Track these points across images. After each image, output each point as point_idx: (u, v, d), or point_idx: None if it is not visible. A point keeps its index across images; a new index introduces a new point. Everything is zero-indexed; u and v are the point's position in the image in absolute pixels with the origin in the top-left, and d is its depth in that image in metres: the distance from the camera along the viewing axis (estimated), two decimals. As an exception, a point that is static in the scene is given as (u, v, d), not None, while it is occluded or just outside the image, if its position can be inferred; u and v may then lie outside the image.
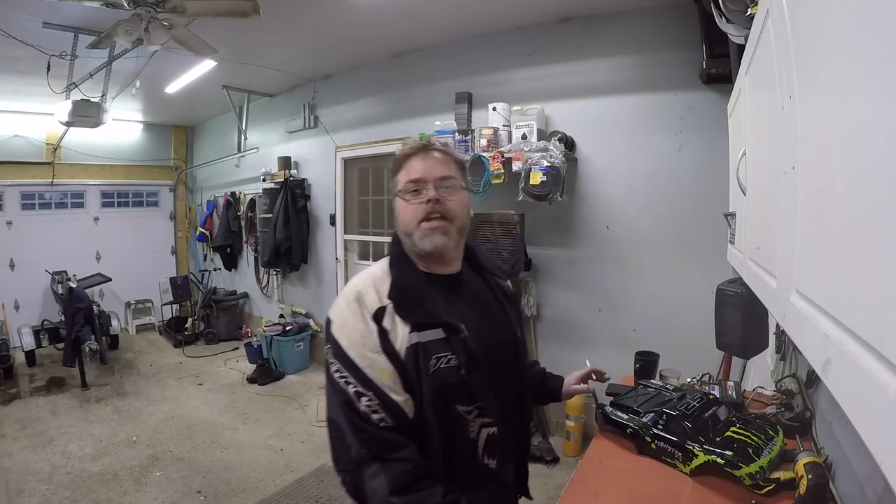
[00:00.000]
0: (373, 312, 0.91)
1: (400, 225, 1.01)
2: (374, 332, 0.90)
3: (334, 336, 0.93)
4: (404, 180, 0.99)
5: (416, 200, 0.97)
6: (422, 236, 0.96)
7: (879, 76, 0.38)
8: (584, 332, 3.12)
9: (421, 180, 0.98)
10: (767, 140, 0.90)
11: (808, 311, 0.57)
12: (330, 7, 2.99)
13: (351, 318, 0.92)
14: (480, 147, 3.10)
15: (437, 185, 0.98)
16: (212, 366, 4.96)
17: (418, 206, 0.97)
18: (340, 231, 4.59)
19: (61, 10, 2.80)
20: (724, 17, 1.53)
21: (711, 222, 2.41)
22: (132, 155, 6.34)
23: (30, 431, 3.45)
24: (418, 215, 0.97)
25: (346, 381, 0.89)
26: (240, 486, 2.80)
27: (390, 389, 0.89)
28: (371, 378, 0.88)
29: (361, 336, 0.90)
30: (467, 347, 0.93)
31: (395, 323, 0.91)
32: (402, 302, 0.93)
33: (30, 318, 5.29)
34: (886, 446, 0.35)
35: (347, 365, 0.90)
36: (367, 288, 0.95)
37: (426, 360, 0.90)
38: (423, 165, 0.99)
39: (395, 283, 0.96)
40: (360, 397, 0.88)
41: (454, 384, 0.92)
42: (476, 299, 1.06)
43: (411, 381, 0.90)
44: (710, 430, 1.32)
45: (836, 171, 0.50)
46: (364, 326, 0.91)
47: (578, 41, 3.08)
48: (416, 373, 0.90)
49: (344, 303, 0.95)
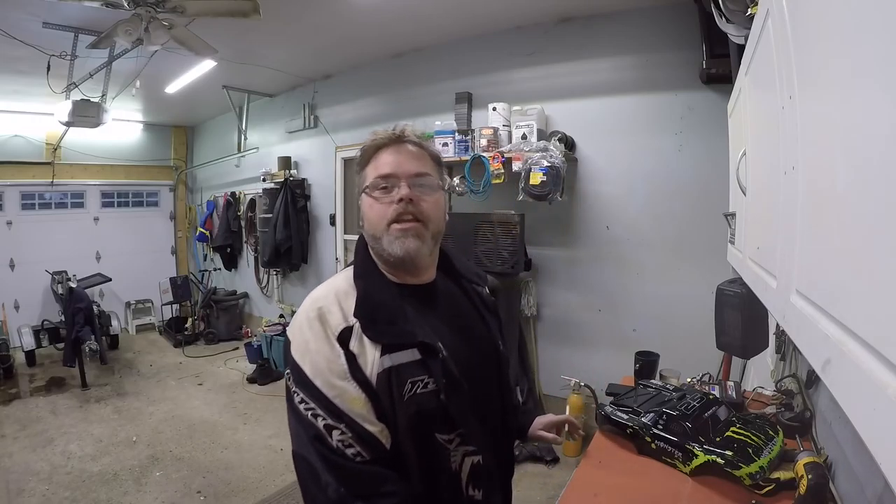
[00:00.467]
0: (337, 334, 0.80)
1: (366, 226, 0.89)
2: (340, 355, 0.78)
3: (295, 360, 0.80)
4: (373, 175, 0.88)
5: (387, 199, 0.85)
6: (392, 240, 0.85)
7: (879, 76, 0.38)
8: (584, 332, 3.12)
9: (392, 176, 0.86)
10: (767, 140, 0.90)
11: (808, 311, 0.57)
12: (330, 7, 2.99)
13: (314, 339, 0.80)
14: (480, 147, 3.10)
15: (411, 183, 0.86)
16: (212, 366, 4.96)
17: (388, 206, 0.85)
18: (340, 231, 4.59)
19: (61, 10, 2.80)
20: (724, 17, 1.53)
21: (711, 222, 2.41)
22: (132, 155, 6.34)
23: (30, 431, 3.45)
24: (388, 216, 0.85)
25: (313, 413, 0.77)
26: (240, 486, 2.80)
27: (364, 420, 0.77)
28: (341, 409, 0.77)
29: (327, 361, 0.78)
30: (446, 369, 0.82)
31: (363, 346, 0.80)
32: (370, 321, 0.81)
33: (30, 318, 5.29)
34: (886, 446, 0.35)
35: (313, 395, 0.77)
36: (329, 304, 0.83)
37: (399, 386, 0.79)
38: (395, 159, 0.87)
39: (362, 298, 0.83)
40: (332, 431, 0.76)
41: (432, 411, 0.80)
42: (453, 312, 0.94)
43: (384, 410, 0.79)
44: (710, 430, 1.32)
45: (836, 171, 0.50)
46: (329, 350, 0.79)
47: (578, 41, 3.08)
48: (388, 400, 0.79)
49: (304, 320, 0.82)
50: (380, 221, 0.86)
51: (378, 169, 0.88)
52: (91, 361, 4.56)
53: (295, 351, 0.82)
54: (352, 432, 0.77)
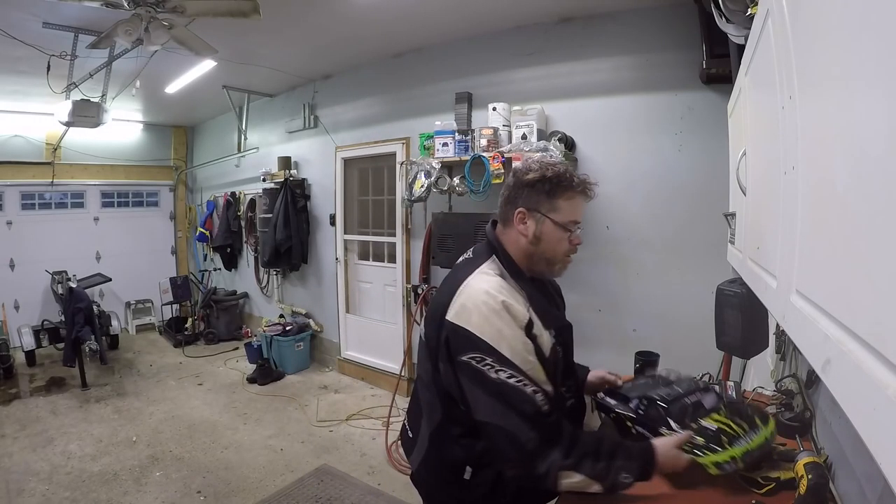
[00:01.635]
0: (524, 323, 1.06)
1: (545, 248, 1.15)
2: (528, 342, 1.06)
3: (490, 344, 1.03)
4: (570, 217, 1.14)
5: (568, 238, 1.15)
6: (562, 268, 1.19)
7: (879, 76, 0.38)
8: (585, 332, 3.11)
9: (578, 223, 1.16)
10: (767, 140, 0.90)
11: (808, 311, 0.57)
12: (330, 7, 2.99)
13: (507, 328, 1.04)
14: (480, 147, 3.10)
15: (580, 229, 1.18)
16: (212, 366, 4.96)
17: (570, 246, 1.16)
18: (340, 231, 4.59)
19: (61, 10, 2.80)
20: (724, 17, 1.53)
21: (711, 222, 2.41)
22: (132, 155, 6.34)
23: (30, 431, 3.45)
24: (566, 250, 1.16)
25: (523, 383, 1.02)
26: (240, 486, 2.80)
27: (545, 383, 1.07)
28: (535, 378, 1.04)
29: (523, 344, 1.05)
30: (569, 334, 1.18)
31: (541, 330, 1.10)
32: (541, 313, 1.11)
33: (30, 318, 5.29)
34: (886, 446, 0.35)
35: (517, 370, 1.02)
36: (510, 300, 1.07)
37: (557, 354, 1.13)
38: (582, 209, 1.17)
39: (531, 297, 1.13)
40: (536, 394, 1.03)
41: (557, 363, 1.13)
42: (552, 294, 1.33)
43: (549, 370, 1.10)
44: (687, 414, 1.25)
45: (836, 171, 0.50)
46: (522, 335, 1.05)
47: (578, 41, 3.08)
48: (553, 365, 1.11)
49: (490, 311, 1.04)
50: (560, 252, 1.16)
51: (575, 213, 1.15)
52: (91, 361, 4.56)
53: (488, 337, 1.03)
54: (544, 395, 1.05)
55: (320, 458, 3.11)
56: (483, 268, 1.15)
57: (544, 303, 1.16)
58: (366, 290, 4.55)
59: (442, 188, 3.25)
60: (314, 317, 4.98)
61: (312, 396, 4.13)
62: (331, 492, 2.73)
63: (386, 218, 4.29)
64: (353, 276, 4.64)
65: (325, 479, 2.86)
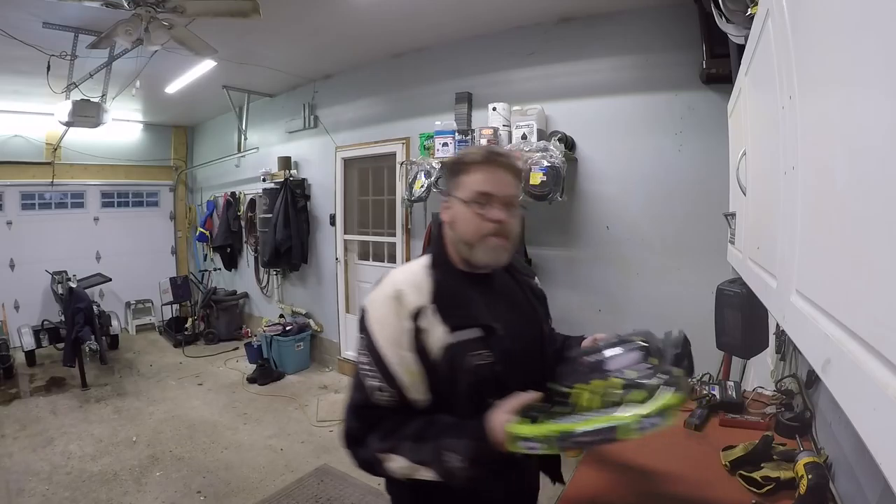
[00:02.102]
0: (411, 312, 0.95)
1: (459, 230, 1.02)
2: (409, 330, 0.95)
3: (368, 328, 0.98)
4: (472, 189, 1.00)
5: (483, 214, 0.99)
6: (486, 251, 1.00)
7: (879, 76, 0.38)
8: (585, 332, 3.11)
9: (490, 195, 0.99)
10: (767, 140, 0.90)
11: (808, 311, 0.57)
12: (330, 7, 2.99)
13: (388, 314, 0.96)
14: (480, 147, 3.10)
15: (505, 205, 1.00)
16: (212, 366, 4.96)
17: (483, 221, 0.99)
18: (340, 231, 4.59)
19: (61, 10, 2.80)
20: (724, 17, 1.53)
21: (711, 222, 2.41)
22: (132, 155, 6.33)
23: (30, 431, 3.45)
24: (483, 230, 0.99)
25: (371, 373, 0.96)
26: (240, 486, 2.80)
27: (410, 387, 0.95)
28: (395, 376, 0.94)
29: (396, 332, 0.95)
30: (501, 345, 0.97)
31: (433, 324, 0.95)
32: (443, 305, 0.97)
33: (30, 318, 5.28)
34: (886, 446, 0.35)
35: (377, 359, 0.95)
36: (407, 288, 0.98)
37: (461, 359, 0.95)
38: (493, 180, 1.00)
39: (438, 286, 0.99)
40: (380, 391, 0.95)
41: (488, 380, 0.95)
42: (509, 297, 1.11)
43: (441, 380, 0.96)
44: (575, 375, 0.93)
45: (836, 171, 0.50)
46: (399, 324, 0.95)
47: (578, 41, 3.08)
48: (450, 370, 0.95)
49: (383, 298, 0.98)
50: (475, 233, 1.00)
51: (477, 184, 1.00)
52: (91, 361, 4.57)
53: (371, 320, 0.98)
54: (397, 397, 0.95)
55: (320, 458, 3.11)
56: (419, 258, 1.09)
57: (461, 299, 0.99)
58: (366, 290, 4.53)
59: (442, 188, 3.25)
60: (314, 317, 4.98)
61: (312, 396, 4.13)
62: (331, 492, 2.73)
63: (386, 218, 4.29)
64: (353, 276, 4.64)
65: (325, 479, 2.86)
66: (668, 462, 1.36)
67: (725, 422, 1.57)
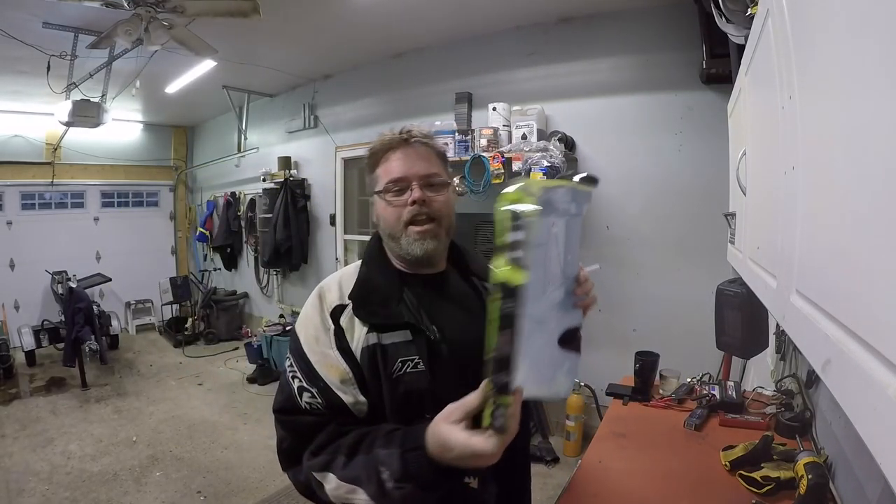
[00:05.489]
0: (331, 309, 0.88)
1: (382, 226, 0.94)
2: (330, 329, 0.86)
3: (295, 330, 0.91)
4: (385, 179, 0.91)
5: (400, 201, 0.89)
6: (410, 241, 0.89)
7: (879, 76, 0.38)
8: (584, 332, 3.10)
9: (403, 179, 0.89)
10: (767, 140, 0.90)
11: (808, 311, 0.57)
12: (330, 7, 2.99)
13: (311, 313, 0.89)
14: (480, 147, 3.10)
15: (423, 184, 0.89)
16: (212, 366, 4.96)
17: (402, 208, 0.89)
18: (340, 231, 4.59)
19: (61, 10, 2.80)
20: (724, 17, 1.53)
21: (711, 222, 2.41)
22: (132, 155, 6.34)
23: (30, 431, 3.45)
24: (404, 218, 0.89)
25: (293, 375, 0.85)
26: (240, 486, 2.80)
27: (337, 388, 0.82)
28: (319, 374, 0.83)
29: (316, 330, 0.87)
30: (435, 351, 0.84)
31: (352, 323, 0.86)
32: (362, 302, 0.88)
33: (30, 318, 5.28)
34: (886, 446, 0.35)
35: (299, 359, 0.86)
36: (331, 284, 0.93)
37: (387, 364, 0.83)
38: (405, 162, 0.90)
39: (360, 282, 0.91)
40: (303, 392, 0.83)
41: (421, 391, 0.82)
42: (461, 300, 0.98)
43: (368, 385, 0.83)
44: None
45: (836, 171, 0.50)
46: (320, 322, 0.87)
47: (578, 41, 3.08)
48: (374, 377, 0.83)
49: (310, 298, 0.92)
50: (396, 223, 0.90)
51: (389, 172, 0.91)
52: (91, 361, 4.56)
53: (297, 323, 0.92)
54: (323, 398, 0.82)
55: (320, 458, 3.11)
56: None
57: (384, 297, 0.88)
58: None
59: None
60: (314, 317, 4.97)
61: (312, 396, 4.12)
62: (331, 492, 2.73)
63: (386, 218, 4.28)
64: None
65: (325, 479, 2.85)
66: (668, 462, 1.36)
67: (725, 422, 1.57)
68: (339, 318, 0.87)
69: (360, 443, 0.77)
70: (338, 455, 0.77)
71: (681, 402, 1.72)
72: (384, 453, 0.73)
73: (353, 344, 0.85)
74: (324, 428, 0.82)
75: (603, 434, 1.53)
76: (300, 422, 0.83)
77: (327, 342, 0.85)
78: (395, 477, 0.70)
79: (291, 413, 0.84)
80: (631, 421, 1.63)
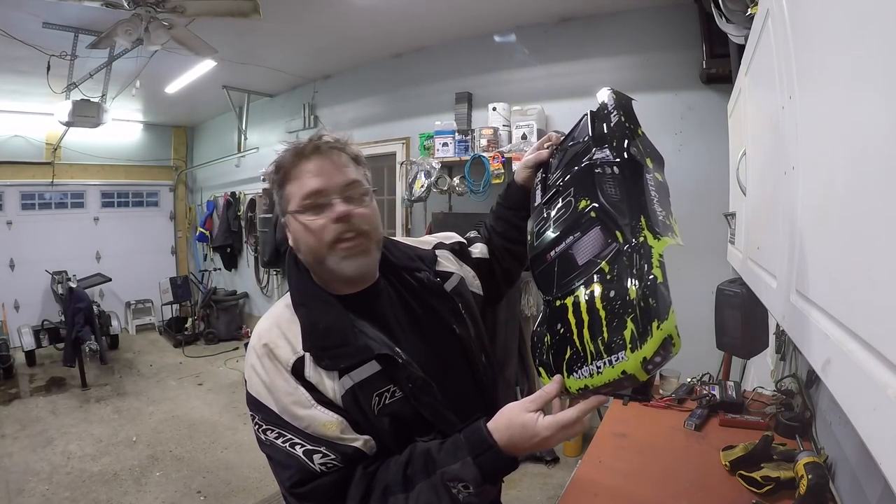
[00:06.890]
0: (290, 368, 0.77)
1: (303, 250, 0.82)
2: (298, 389, 0.76)
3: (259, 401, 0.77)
4: (298, 195, 0.80)
5: (321, 219, 0.79)
6: (339, 260, 0.80)
7: (879, 76, 0.38)
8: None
9: (321, 192, 0.79)
10: (767, 140, 0.90)
11: (808, 311, 0.57)
12: (330, 7, 2.99)
13: (269, 377, 0.77)
14: (480, 147, 3.10)
15: (344, 196, 0.80)
16: (212, 366, 4.96)
17: (325, 226, 0.79)
18: (340, 231, 4.58)
19: (61, 10, 2.80)
20: (724, 17, 1.53)
21: (711, 222, 2.41)
22: (132, 155, 6.34)
23: (30, 431, 3.45)
24: (328, 236, 0.79)
25: (291, 443, 0.75)
26: (240, 486, 2.80)
27: (340, 440, 0.75)
28: (316, 435, 0.75)
29: (287, 395, 0.76)
30: (409, 373, 0.79)
31: (319, 374, 0.77)
32: (320, 350, 0.77)
33: (30, 318, 5.29)
34: (886, 446, 0.35)
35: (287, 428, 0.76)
36: (275, 339, 0.79)
37: (367, 401, 0.77)
38: (319, 172, 0.80)
39: (308, 328, 0.79)
40: (312, 455, 0.74)
41: (407, 417, 0.78)
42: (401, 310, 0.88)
43: (361, 426, 0.77)
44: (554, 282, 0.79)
45: (836, 171, 0.50)
46: (286, 384, 0.76)
47: (578, 41, 3.08)
48: (361, 417, 0.77)
49: (255, 359, 0.79)
50: (319, 243, 0.79)
51: (302, 187, 0.80)
52: (91, 361, 4.56)
53: (255, 392, 0.78)
54: (335, 453, 0.74)
55: (320, 458, 3.11)
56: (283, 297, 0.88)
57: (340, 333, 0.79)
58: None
59: (442, 188, 3.25)
60: (314, 317, 4.98)
61: (312, 396, 4.13)
62: (331, 492, 2.73)
63: (386, 218, 4.29)
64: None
65: (325, 479, 2.85)
66: (668, 462, 1.36)
67: (725, 422, 1.57)
68: (304, 374, 0.77)
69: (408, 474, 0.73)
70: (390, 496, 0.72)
71: (681, 402, 1.73)
72: (454, 469, 0.69)
73: (331, 394, 0.77)
74: (350, 480, 0.75)
75: (603, 434, 1.53)
76: (322, 486, 0.75)
77: (305, 402, 0.75)
78: (476, 484, 0.68)
79: (309, 482, 0.75)
80: (631, 421, 1.63)
